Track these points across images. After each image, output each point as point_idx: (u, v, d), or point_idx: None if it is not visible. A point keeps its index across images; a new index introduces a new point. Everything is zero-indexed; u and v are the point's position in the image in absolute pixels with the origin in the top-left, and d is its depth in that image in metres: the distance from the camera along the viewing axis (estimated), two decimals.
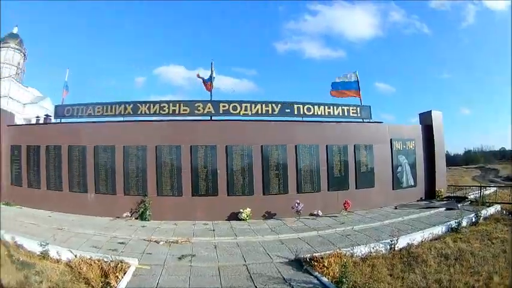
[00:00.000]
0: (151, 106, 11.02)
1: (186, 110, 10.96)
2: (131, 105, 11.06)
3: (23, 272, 6.01)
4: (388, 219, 9.63)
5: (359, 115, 12.06)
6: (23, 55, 41.92)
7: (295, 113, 11.26)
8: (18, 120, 18.94)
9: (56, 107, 12.11)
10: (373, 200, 11.49)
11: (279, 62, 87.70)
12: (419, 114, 14.20)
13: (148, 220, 9.89)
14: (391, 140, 12.41)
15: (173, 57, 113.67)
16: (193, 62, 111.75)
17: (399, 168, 12.65)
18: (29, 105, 37.46)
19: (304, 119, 11.35)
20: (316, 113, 11.51)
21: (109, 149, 10.69)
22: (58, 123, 11.94)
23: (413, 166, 12.92)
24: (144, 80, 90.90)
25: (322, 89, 75.28)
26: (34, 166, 11.75)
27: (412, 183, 12.83)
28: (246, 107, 11.01)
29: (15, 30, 41.63)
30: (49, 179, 11.34)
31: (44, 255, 6.74)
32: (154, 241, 7.84)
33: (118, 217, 10.14)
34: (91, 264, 6.15)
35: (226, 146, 10.48)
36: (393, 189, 12.25)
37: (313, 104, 11.50)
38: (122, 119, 11.02)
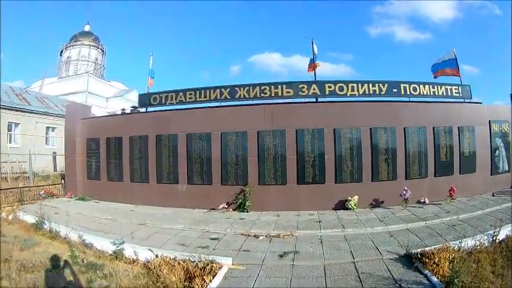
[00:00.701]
0: (251, 89, 10.00)
1: (289, 92, 9.90)
2: (228, 89, 10.08)
3: (86, 275, 5.24)
4: (489, 208, 8.50)
5: (460, 95, 10.89)
6: (100, 51, 42.13)
7: (402, 93, 10.19)
8: (101, 114, 18.79)
9: (141, 95, 11.36)
10: (473, 186, 10.31)
11: (373, 46, 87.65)
12: None
13: (247, 211, 8.94)
14: (489, 121, 11.16)
15: (268, 45, 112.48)
16: (288, 49, 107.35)
17: (496, 152, 11.39)
18: (113, 99, 37.27)
19: (411, 99, 10.27)
20: (421, 93, 10.37)
21: (204, 136, 9.82)
22: (144, 112, 11.22)
23: (508, 150, 11.55)
24: (238, 68, 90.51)
25: (416, 72, 76.06)
26: (115, 158, 11.18)
27: (507, 168, 11.49)
28: (352, 87, 9.90)
29: (87, 28, 42.34)
30: (133, 171, 10.73)
31: (117, 255, 5.98)
32: (253, 235, 6.88)
33: (213, 209, 9.35)
34: (174, 266, 5.37)
35: (334, 129, 9.39)
36: (491, 174, 11.01)
37: (418, 84, 10.31)
38: (217, 104, 10.13)
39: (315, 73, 10.40)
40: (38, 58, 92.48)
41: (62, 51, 40.85)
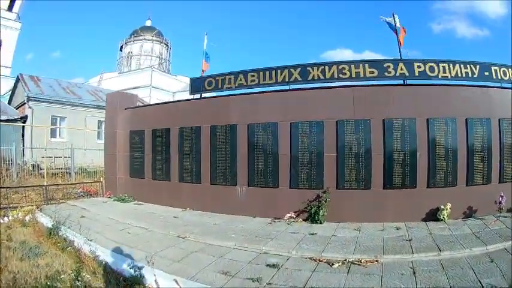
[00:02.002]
0: (326, 69, 8.16)
1: (372, 73, 7.99)
2: (299, 69, 8.33)
3: None
4: None
5: None
6: (165, 46, 42.06)
7: (493, 77, 8.30)
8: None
9: (193, 80, 9.83)
10: None
11: (437, 42, 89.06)
12: None
13: (321, 223, 7.22)
14: None
15: (339, 42, 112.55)
16: (360, 45, 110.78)
17: None
18: (180, 93, 36.47)
19: (503, 84, 8.35)
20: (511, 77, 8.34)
21: (270, 127, 8.10)
22: (196, 99, 9.75)
23: None
24: None
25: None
26: (162, 154, 9.91)
27: None
28: (443, 67, 7.98)
29: (148, 23, 42.31)
30: (182, 168, 9.36)
31: (133, 283, 4.36)
32: (326, 261, 5.08)
33: (278, 218, 7.68)
34: None
35: (428, 119, 7.51)
36: None
37: (507, 67, 8.48)
38: (286, 87, 8.43)
39: (400, 52, 8.53)
40: (98, 54, 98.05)
41: (121, 47, 40.93)
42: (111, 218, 7.88)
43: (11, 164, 14.31)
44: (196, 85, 9.60)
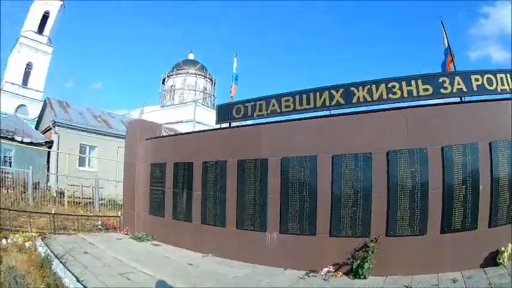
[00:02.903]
0: (374, 89, 7.33)
1: (427, 90, 7.02)
2: (341, 90, 7.64)
3: None
4: None
5: None
6: (209, 80, 42.83)
7: None
8: None
9: (220, 107, 9.68)
10: None
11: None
12: None
13: (364, 277, 6.24)
14: None
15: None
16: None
17: None
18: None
19: None
20: None
21: (307, 161, 7.38)
22: (223, 129, 9.38)
23: None
24: None
25: None
26: (183, 191, 9.46)
27: None
28: (501, 78, 6.83)
29: (191, 56, 43.61)
30: (206, 208, 8.85)
31: None
32: None
33: (313, 271, 6.74)
34: None
35: (490, 143, 6.40)
36: None
37: None
38: (326, 113, 7.79)
39: (454, 65, 7.79)
40: (140, 87, 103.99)
41: (164, 80, 41.95)
42: (116, 259, 7.66)
43: (27, 187, 14.79)
44: (224, 113, 9.34)
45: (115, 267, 6.88)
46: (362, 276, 6.25)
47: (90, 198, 16.61)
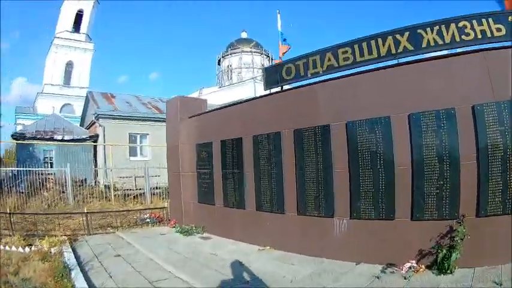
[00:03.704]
0: (444, 29, 6.60)
1: (500, 31, 6.27)
2: (407, 34, 6.94)
3: None
4: None
5: None
6: (265, 57, 46.17)
7: None
8: None
9: (267, 70, 9.75)
10: None
11: None
12: None
13: (451, 272, 5.61)
14: None
15: None
16: None
17: None
18: None
19: None
20: None
21: (378, 123, 6.76)
22: (273, 94, 9.06)
23: None
24: None
25: None
26: (233, 173, 9.39)
27: None
28: None
29: (244, 35, 47.65)
30: (259, 192, 8.70)
31: None
32: None
33: (392, 266, 6.23)
34: None
35: None
36: None
37: None
38: (392, 62, 7.15)
39: None
40: (197, 72, 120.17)
41: (219, 61, 45.87)
42: (151, 261, 7.71)
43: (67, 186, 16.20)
44: (272, 76, 9.11)
45: (146, 273, 6.84)
46: (448, 271, 5.71)
47: (142, 189, 17.95)
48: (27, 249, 8.40)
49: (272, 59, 44.35)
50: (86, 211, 11.00)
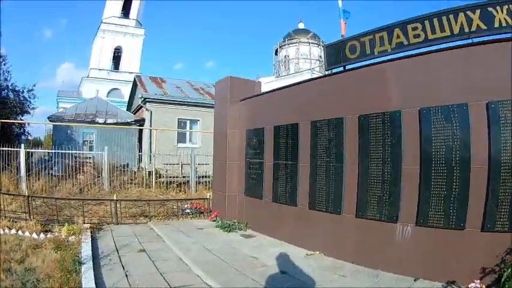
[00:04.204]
0: None
1: None
2: (478, 12, 6.40)
3: None
4: None
5: None
6: (323, 47, 45.20)
7: None
8: None
9: (328, 47, 9.14)
10: None
11: None
12: None
13: None
14: None
15: None
16: None
17: None
18: None
19: None
20: None
21: (454, 112, 6.16)
22: (334, 74, 8.65)
23: None
24: None
25: None
26: (286, 163, 9.03)
27: None
28: None
29: (300, 26, 49.61)
30: (314, 188, 8.29)
31: None
32: None
33: (452, 283, 5.75)
34: None
35: None
36: None
37: None
38: (465, 41, 6.62)
39: None
40: (253, 61, 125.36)
41: (276, 51, 48.79)
42: (180, 260, 7.43)
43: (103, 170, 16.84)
44: (334, 54, 8.68)
45: (169, 276, 6.45)
46: None
47: (188, 177, 18.67)
48: (42, 235, 8.49)
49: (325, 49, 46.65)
50: (115, 198, 11.16)
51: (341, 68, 8.72)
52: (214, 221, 10.67)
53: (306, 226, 8.48)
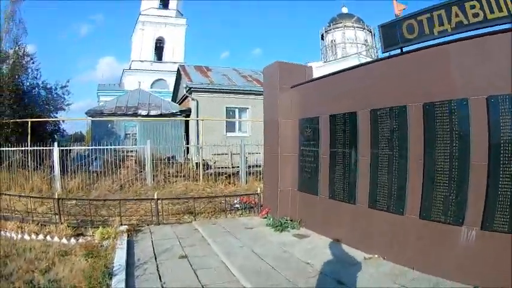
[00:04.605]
0: None
1: None
2: None
3: None
4: None
5: None
6: (368, 32, 52.12)
7: None
8: None
9: (383, 27, 8.47)
10: None
11: None
12: None
13: None
14: None
15: None
16: None
17: None
18: None
19: None
20: None
21: None
22: (395, 56, 8.18)
23: None
24: None
25: None
26: (344, 155, 8.71)
27: None
28: None
29: (344, 10, 53.14)
30: (375, 184, 7.93)
31: None
32: None
33: None
34: None
35: None
36: None
37: None
38: None
39: None
40: (300, 47, 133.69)
41: (322, 35, 52.16)
42: (225, 267, 7.13)
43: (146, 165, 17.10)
44: (391, 35, 8.17)
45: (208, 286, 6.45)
46: None
47: (238, 167, 19.26)
48: (72, 240, 8.33)
49: (375, 35, 49.88)
50: (155, 197, 10.99)
51: (399, 51, 8.23)
52: (265, 218, 10.59)
53: (365, 226, 8.20)
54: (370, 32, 51.00)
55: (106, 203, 11.58)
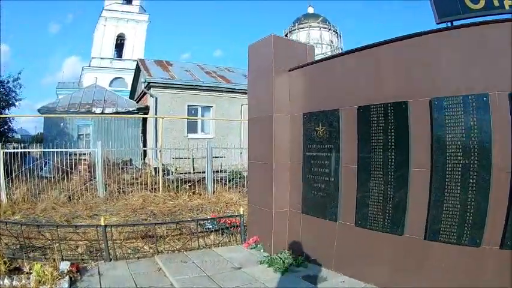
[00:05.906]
0: None
1: None
2: None
3: None
4: None
5: None
6: (334, 33, 49.78)
7: None
8: None
9: None
10: None
11: None
12: None
13: None
14: None
15: None
16: None
17: None
18: None
19: None
20: None
21: None
22: (461, 27, 5.39)
23: None
24: None
25: None
26: (385, 167, 5.77)
27: None
28: None
29: (310, 10, 50.38)
30: (438, 207, 5.17)
31: None
32: None
33: None
34: None
35: None
36: None
37: None
38: None
39: None
40: None
41: (286, 35, 48.20)
42: None
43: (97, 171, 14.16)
44: (448, 2, 5.54)
45: None
46: None
47: (203, 172, 16.63)
48: (6, 281, 5.74)
49: (341, 36, 49.23)
50: (102, 223, 7.39)
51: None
52: (254, 248, 7.48)
53: (419, 265, 5.37)
54: (336, 32, 49.53)
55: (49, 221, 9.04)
